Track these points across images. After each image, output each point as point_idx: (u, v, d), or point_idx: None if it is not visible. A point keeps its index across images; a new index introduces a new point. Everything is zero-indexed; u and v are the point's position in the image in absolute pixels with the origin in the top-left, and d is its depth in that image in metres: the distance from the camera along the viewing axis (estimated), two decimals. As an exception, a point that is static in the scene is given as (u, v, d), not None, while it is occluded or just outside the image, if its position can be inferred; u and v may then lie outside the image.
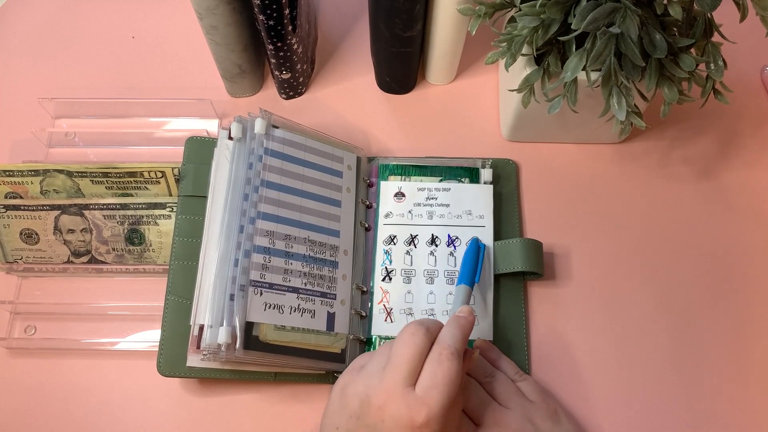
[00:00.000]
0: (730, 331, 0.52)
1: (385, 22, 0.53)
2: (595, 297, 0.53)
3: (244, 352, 0.44)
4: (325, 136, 0.55)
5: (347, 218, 0.53)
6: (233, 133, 0.51)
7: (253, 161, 0.50)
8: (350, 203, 0.54)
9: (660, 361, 0.51)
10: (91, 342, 0.52)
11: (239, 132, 0.50)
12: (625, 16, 0.40)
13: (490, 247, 0.53)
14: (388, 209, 0.55)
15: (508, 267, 0.51)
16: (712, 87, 0.47)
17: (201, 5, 0.51)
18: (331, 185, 0.53)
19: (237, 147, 0.50)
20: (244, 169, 0.49)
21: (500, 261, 0.52)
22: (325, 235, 0.51)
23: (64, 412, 0.50)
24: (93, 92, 0.62)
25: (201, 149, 0.54)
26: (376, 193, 0.55)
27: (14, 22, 0.67)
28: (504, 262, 0.52)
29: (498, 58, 0.48)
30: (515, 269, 0.51)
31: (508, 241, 0.52)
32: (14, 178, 0.53)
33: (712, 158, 0.59)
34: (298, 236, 0.50)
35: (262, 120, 0.51)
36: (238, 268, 0.46)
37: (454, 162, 0.56)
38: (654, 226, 0.56)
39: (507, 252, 0.52)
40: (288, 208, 0.50)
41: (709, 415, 0.49)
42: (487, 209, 0.54)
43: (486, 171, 0.55)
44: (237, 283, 0.46)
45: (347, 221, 0.53)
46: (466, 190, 0.54)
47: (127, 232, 0.53)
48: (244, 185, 0.49)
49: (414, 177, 0.55)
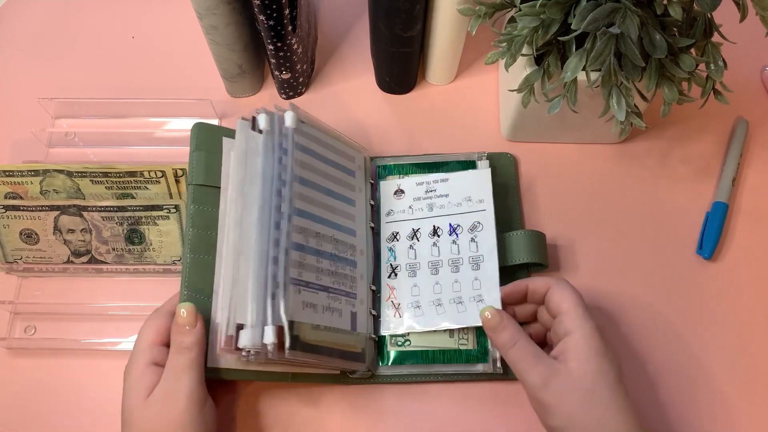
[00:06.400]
0: (731, 327, 0.52)
1: (385, 22, 0.53)
2: (595, 296, 0.53)
3: (290, 352, 0.42)
4: (340, 133, 0.54)
5: (360, 218, 0.53)
6: (262, 125, 0.48)
7: (281, 155, 0.47)
8: (362, 203, 0.54)
9: (660, 360, 0.51)
10: (91, 342, 0.52)
11: (267, 124, 0.48)
12: (625, 16, 0.40)
13: (492, 226, 0.52)
14: (388, 208, 0.55)
15: (513, 259, 0.51)
16: (712, 87, 0.47)
17: (201, 5, 0.51)
18: (348, 184, 0.53)
19: (265, 139, 0.47)
20: (274, 163, 0.47)
21: (505, 253, 0.52)
22: (346, 234, 0.51)
23: (64, 412, 0.50)
24: (93, 92, 0.62)
25: (210, 136, 0.50)
26: (376, 194, 0.55)
27: (14, 22, 0.67)
28: (509, 253, 0.52)
29: (498, 58, 0.48)
30: (521, 261, 0.51)
31: (512, 234, 0.52)
32: (14, 178, 0.53)
33: (712, 158, 0.59)
34: (325, 234, 0.49)
35: (293, 114, 0.49)
36: (279, 266, 0.44)
37: (451, 157, 0.56)
38: (654, 226, 0.56)
39: (511, 244, 0.52)
40: (316, 205, 0.49)
41: (711, 408, 0.49)
42: (487, 193, 0.53)
43: (482, 162, 0.55)
44: (279, 280, 0.44)
45: (361, 221, 0.53)
46: (464, 177, 0.54)
47: (126, 232, 0.53)
48: (274, 180, 0.46)
49: (412, 175, 0.56)
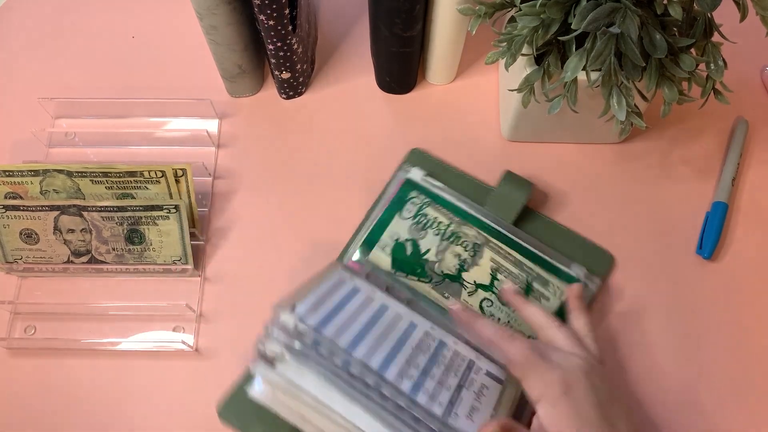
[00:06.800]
0: (731, 327, 0.52)
1: (385, 22, 0.53)
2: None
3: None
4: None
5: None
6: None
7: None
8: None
9: (660, 360, 0.51)
10: (91, 342, 0.52)
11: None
12: (625, 16, 0.40)
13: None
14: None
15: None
16: (712, 87, 0.47)
17: (201, 5, 0.51)
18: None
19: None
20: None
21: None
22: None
23: (64, 412, 0.50)
24: (93, 92, 0.62)
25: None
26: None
27: (14, 22, 0.67)
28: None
29: (498, 58, 0.48)
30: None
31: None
32: (14, 178, 0.53)
33: (712, 158, 0.59)
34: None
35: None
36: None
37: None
38: (654, 226, 0.56)
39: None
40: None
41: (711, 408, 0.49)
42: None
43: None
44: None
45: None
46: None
47: (126, 232, 0.53)
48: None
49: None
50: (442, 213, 0.53)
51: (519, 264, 0.51)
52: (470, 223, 0.53)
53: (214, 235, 0.56)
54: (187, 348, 0.51)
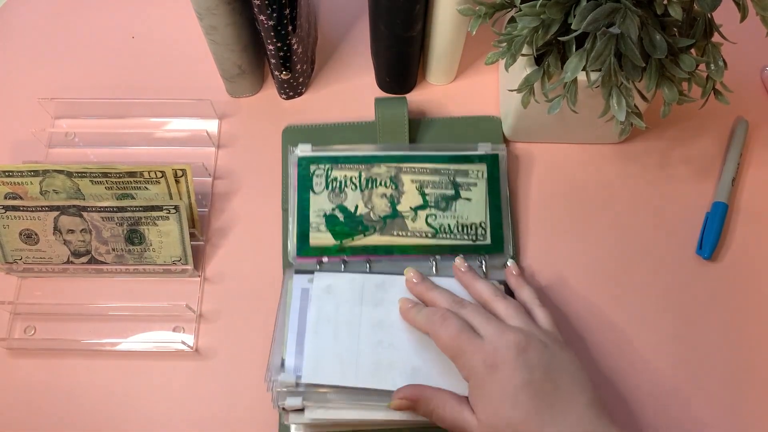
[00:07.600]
0: (730, 327, 0.52)
1: (385, 22, 0.53)
2: (595, 295, 0.53)
3: None
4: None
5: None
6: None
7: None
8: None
9: (660, 360, 0.51)
10: (91, 342, 0.52)
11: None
12: (625, 16, 0.40)
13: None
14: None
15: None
16: (712, 87, 0.47)
17: (201, 5, 0.51)
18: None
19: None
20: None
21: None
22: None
23: (64, 413, 0.50)
24: (93, 92, 0.62)
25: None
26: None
27: (14, 22, 0.67)
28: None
29: (498, 58, 0.48)
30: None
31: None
32: (14, 178, 0.53)
33: (712, 158, 0.59)
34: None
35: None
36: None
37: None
38: (654, 226, 0.56)
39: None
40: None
41: (710, 407, 0.49)
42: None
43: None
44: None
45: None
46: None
47: (126, 232, 0.53)
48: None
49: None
50: (347, 169, 0.55)
51: (435, 171, 0.55)
52: (376, 162, 0.55)
53: (213, 235, 0.56)
54: (187, 348, 0.51)
